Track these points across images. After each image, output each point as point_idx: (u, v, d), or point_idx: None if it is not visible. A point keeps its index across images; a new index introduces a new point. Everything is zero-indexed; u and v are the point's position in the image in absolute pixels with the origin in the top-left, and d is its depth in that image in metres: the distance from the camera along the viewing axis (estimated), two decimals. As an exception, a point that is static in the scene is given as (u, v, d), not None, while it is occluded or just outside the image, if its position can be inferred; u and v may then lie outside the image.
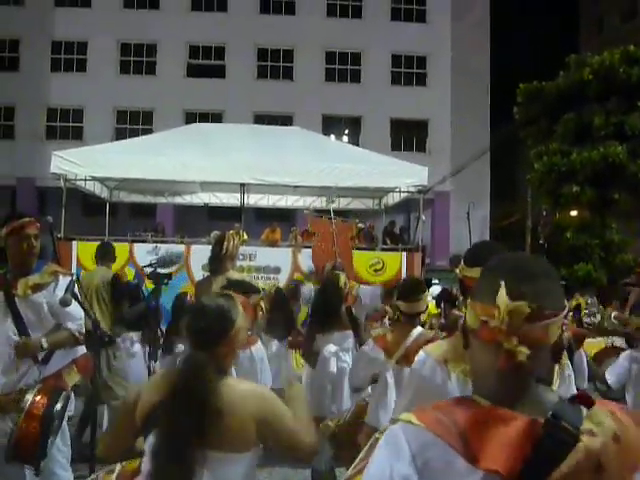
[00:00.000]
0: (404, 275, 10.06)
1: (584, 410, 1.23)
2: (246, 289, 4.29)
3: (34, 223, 4.07)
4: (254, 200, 12.85)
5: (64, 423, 4.05)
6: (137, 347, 6.43)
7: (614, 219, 24.55)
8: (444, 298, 6.96)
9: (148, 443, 2.29)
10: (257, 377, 4.10)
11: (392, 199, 12.27)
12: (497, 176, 26.80)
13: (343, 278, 5.64)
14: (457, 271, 2.39)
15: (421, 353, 2.27)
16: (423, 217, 11.36)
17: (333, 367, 5.25)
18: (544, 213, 24.70)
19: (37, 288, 4.01)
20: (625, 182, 21.40)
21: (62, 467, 4.06)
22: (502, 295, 1.25)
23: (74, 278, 4.16)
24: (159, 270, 6.50)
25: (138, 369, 6.39)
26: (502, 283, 1.26)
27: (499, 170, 26.92)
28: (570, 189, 22.08)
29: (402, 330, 3.99)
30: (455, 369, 2.10)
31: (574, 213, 24.60)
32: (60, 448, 4.03)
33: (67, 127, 25.40)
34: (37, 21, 24.92)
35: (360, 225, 13.86)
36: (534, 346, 1.24)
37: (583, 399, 1.25)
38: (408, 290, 4.08)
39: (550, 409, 1.22)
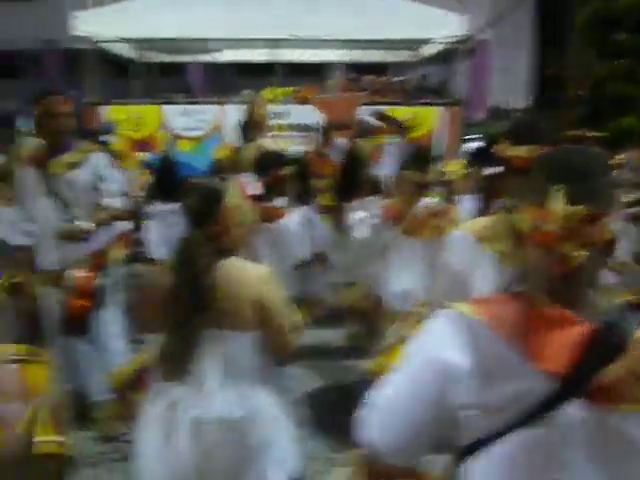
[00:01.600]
0: (440, 131, 9.82)
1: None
2: (274, 161, 4.20)
3: (66, 100, 4.00)
4: (285, 56, 12.42)
5: (116, 295, 4.18)
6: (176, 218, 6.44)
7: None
8: (478, 158, 6.69)
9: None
10: (287, 250, 4.10)
11: (428, 51, 11.76)
12: (541, 24, 25.39)
13: (368, 147, 5.50)
14: (498, 149, 2.26)
15: (460, 229, 2.23)
16: (461, 68, 10.93)
17: (360, 232, 5.21)
18: (590, 62, 23.57)
19: (72, 166, 4.01)
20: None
21: (117, 337, 4.24)
22: (558, 199, 1.19)
23: (107, 155, 4.16)
24: None
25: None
26: (556, 186, 1.20)
27: (544, 17, 25.47)
28: (618, 37, 20.93)
29: (410, 200, 3.90)
30: (489, 249, 2.05)
31: (620, 62, 23.43)
32: (112, 320, 4.19)
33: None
34: None
35: (396, 79, 13.42)
36: (589, 248, 1.19)
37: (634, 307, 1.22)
38: (416, 159, 3.96)
39: (604, 314, 1.20)
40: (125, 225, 4.27)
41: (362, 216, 5.27)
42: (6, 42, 23.36)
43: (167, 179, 6.47)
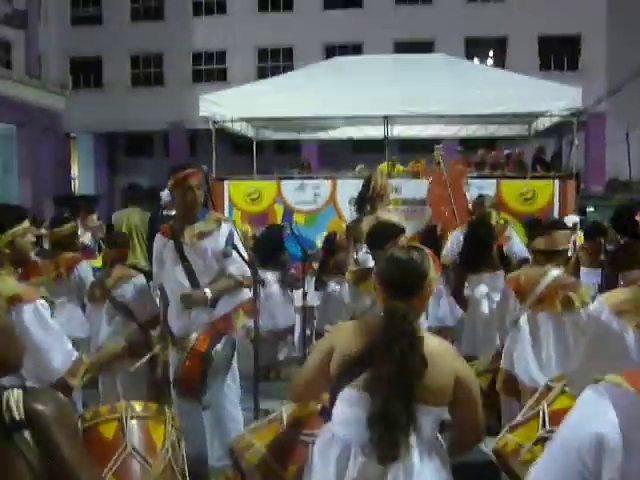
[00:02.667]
0: (557, 204, 9.61)
1: None
2: (393, 232, 4.23)
3: (196, 174, 4.27)
4: (398, 131, 12.64)
5: (233, 363, 4.29)
6: (275, 287, 6.57)
7: None
8: (598, 233, 6.49)
9: (344, 394, 2.31)
10: None
11: (542, 124, 11.64)
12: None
13: (495, 216, 5.45)
14: (638, 217, 2.21)
15: (597, 302, 2.15)
16: (577, 141, 10.71)
17: (485, 308, 5.14)
18: None
19: (202, 235, 4.25)
20: None
21: (232, 403, 4.34)
22: None
23: (233, 226, 4.35)
24: None
25: (276, 308, 6.58)
26: None
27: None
28: None
29: (537, 271, 3.77)
30: (631, 323, 1.98)
31: None
32: (230, 386, 4.30)
33: (212, 70, 26.19)
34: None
35: (507, 151, 13.32)
36: None
37: None
38: (543, 225, 3.85)
39: None
40: (247, 293, 4.40)
41: (486, 290, 5.22)
42: (139, 124, 25.19)
43: (272, 249, 6.65)
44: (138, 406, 2.89)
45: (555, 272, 3.72)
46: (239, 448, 2.90)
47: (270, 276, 6.58)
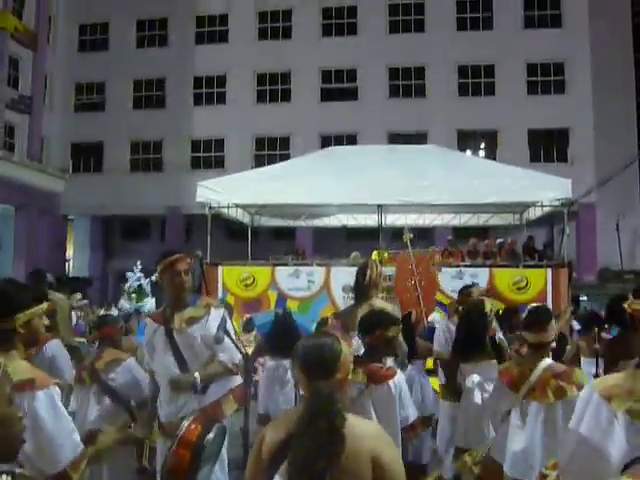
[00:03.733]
0: (550, 293, 9.65)
1: None
2: (385, 321, 4.24)
3: (184, 259, 4.31)
4: (391, 220, 12.84)
5: (223, 451, 4.21)
6: (290, 374, 6.53)
7: None
8: (594, 322, 6.53)
9: None
10: (395, 411, 4.00)
11: (533, 214, 11.84)
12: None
13: (489, 304, 5.47)
14: (625, 305, 2.26)
15: (587, 387, 2.16)
16: (568, 230, 10.86)
17: (478, 398, 5.08)
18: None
19: (192, 321, 4.24)
20: None
21: None
22: None
23: (225, 312, 4.35)
24: None
25: (290, 396, 6.52)
26: None
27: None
28: None
29: (529, 362, 3.79)
30: (621, 407, 1.99)
31: None
32: (218, 476, 4.20)
33: (210, 157, 26.75)
34: (180, 59, 26.55)
35: (499, 240, 13.49)
36: None
37: None
38: (533, 319, 3.88)
39: None
40: (238, 380, 4.36)
41: (478, 380, 5.17)
42: (136, 208, 25.50)
43: (284, 335, 6.62)
44: None
45: (547, 361, 3.72)
46: None
47: (287, 363, 6.55)
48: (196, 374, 4.11)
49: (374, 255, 9.86)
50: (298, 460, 2.19)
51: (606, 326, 6.32)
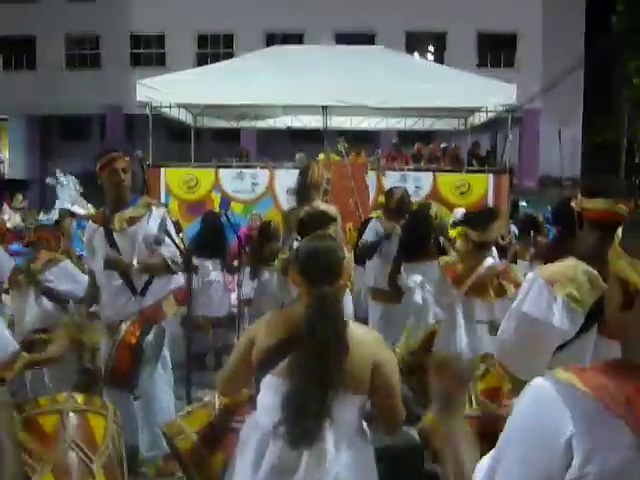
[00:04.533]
0: (491, 197, 9.83)
1: None
2: (323, 220, 4.23)
3: (122, 157, 4.20)
4: (337, 122, 12.69)
5: (165, 351, 4.23)
6: (214, 274, 6.51)
7: None
8: (531, 226, 6.69)
9: (266, 382, 2.33)
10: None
11: (478, 119, 11.87)
12: (591, 93, 25.43)
13: (434, 208, 5.53)
14: (573, 204, 2.29)
15: (531, 273, 2.26)
16: (510, 137, 10.96)
17: (418, 297, 5.20)
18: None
19: (132, 221, 4.17)
20: None
21: (163, 392, 4.28)
22: None
23: (166, 212, 4.28)
24: None
25: (214, 296, 6.52)
26: None
27: (593, 86, 25.51)
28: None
29: (473, 260, 3.90)
30: (560, 292, 2.09)
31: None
32: (161, 374, 4.25)
33: (151, 54, 25.68)
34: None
35: (444, 145, 13.55)
36: None
37: None
38: (478, 218, 3.98)
39: None
40: (178, 280, 4.35)
41: (420, 279, 5.28)
42: (73, 107, 24.51)
43: (210, 236, 6.58)
44: (80, 399, 2.79)
45: (489, 261, 3.85)
46: (170, 434, 2.89)
47: (210, 264, 6.51)
48: (134, 261, 4.08)
49: (321, 157, 9.80)
50: (304, 362, 2.22)
51: (546, 230, 6.48)
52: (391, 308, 5.76)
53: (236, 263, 6.16)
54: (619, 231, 1.27)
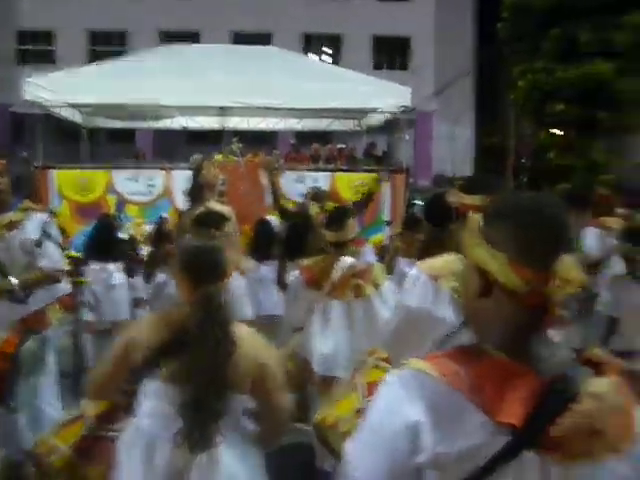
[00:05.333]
0: (388, 196, 10.04)
1: (590, 373, 1.24)
2: (216, 220, 4.19)
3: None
4: (234, 123, 12.61)
5: (50, 360, 4.06)
6: (118, 278, 6.33)
7: (598, 139, 24.49)
8: (413, 223, 6.80)
9: (148, 387, 2.29)
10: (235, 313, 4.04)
11: (374, 120, 12.11)
12: (481, 96, 26.48)
13: (315, 208, 5.56)
14: (452, 199, 2.36)
15: (414, 269, 2.31)
16: (407, 137, 11.25)
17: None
18: (528, 132, 24.58)
19: (11, 226, 3.96)
20: (610, 101, 21.20)
21: (50, 404, 4.10)
22: (570, 267, 1.19)
23: (49, 215, 4.11)
24: None
25: (120, 300, 6.34)
26: (561, 251, 1.20)
27: (483, 89, 26.58)
28: (554, 108, 21.87)
29: (331, 260, 3.89)
30: (445, 285, 2.17)
31: (558, 132, 24.43)
32: (46, 386, 4.07)
33: (39, 50, 24.65)
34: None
35: (340, 145, 13.74)
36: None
37: (592, 363, 1.26)
38: (333, 218, 3.98)
39: (558, 367, 1.23)
40: (64, 287, 4.18)
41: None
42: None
43: (105, 238, 6.41)
44: None
45: (348, 260, 3.84)
46: (41, 453, 2.73)
47: (112, 267, 6.31)
48: (13, 280, 3.88)
49: (218, 158, 9.71)
50: (195, 364, 2.19)
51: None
52: None
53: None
54: (479, 220, 1.30)
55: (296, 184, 9.56)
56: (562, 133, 24.07)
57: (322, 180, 9.84)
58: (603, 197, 5.94)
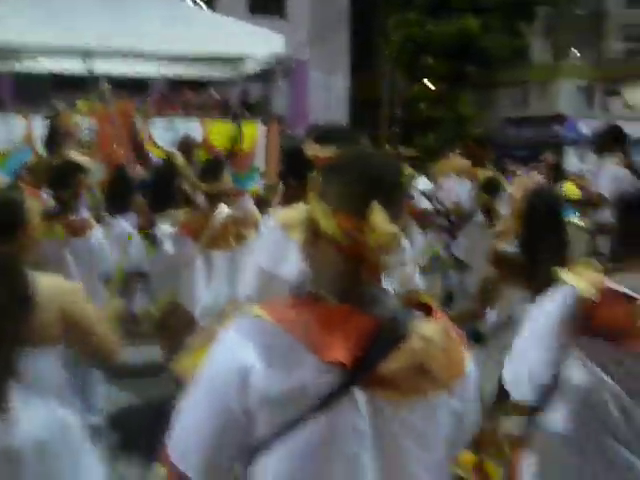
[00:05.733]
0: (262, 146, 10.02)
1: (419, 316, 1.32)
2: (71, 171, 4.02)
3: None
4: (103, 69, 12.01)
5: None
6: None
7: (465, 92, 25.38)
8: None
9: None
10: (95, 264, 3.91)
11: (249, 68, 11.94)
12: (356, 47, 26.66)
13: (180, 157, 5.46)
14: (306, 150, 2.40)
15: (267, 217, 2.37)
16: (282, 86, 11.21)
17: (169, 248, 5.13)
18: (401, 84, 25.11)
19: None
20: (478, 56, 21.99)
21: None
22: (378, 218, 1.25)
23: None
24: None
25: None
26: (374, 203, 1.25)
27: (358, 41, 26.76)
28: (426, 61, 22.46)
29: (207, 212, 3.88)
30: (294, 235, 2.18)
31: (429, 85, 25.12)
32: None
33: None
34: None
35: (215, 93, 13.48)
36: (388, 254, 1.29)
37: (421, 308, 1.34)
38: (208, 169, 3.97)
39: (388, 311, 1.29)
40: None
41: (169, 230, 5.20)
42: None
43: None
44: None
45: (225, 210, 3.85)
46: None
47: None
48: None
49: (80, 105, 9.29)
50: None
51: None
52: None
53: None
54: (318, 175, 1.37)
55: (166, 132, 9.35)
56: (433, 86, 24.81)
57: (195, 128, 9.67)
58: (472, 150, 6.20)
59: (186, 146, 7.09)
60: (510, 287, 2.84)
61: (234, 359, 1.24)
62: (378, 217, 1.24)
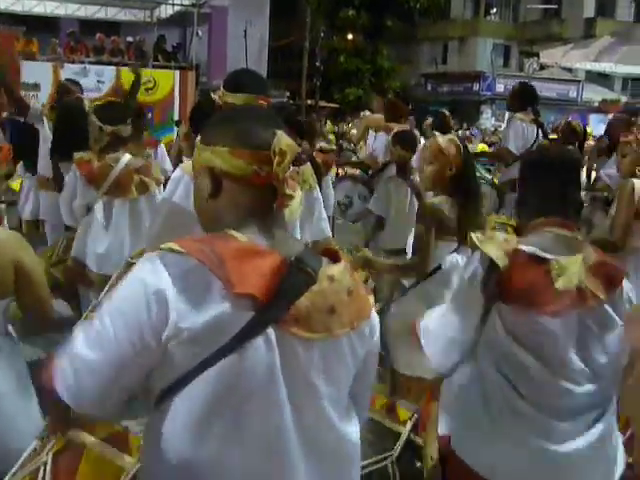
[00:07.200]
0: (177, 94, 9.76)
1: (326, 261, 1.36)
2: None
3: None
4: (5, 4, 11.35)
5: None
6: None
7: (385, 46, 25.42)
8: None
9: None
10: None
11: (165, 12, 11.54)
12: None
13: (87, 102, 5.18)
14: (216, 97, 2.34)
15: (177, 170, 2.32)
16: (199, 33, 10.89)
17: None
18: (321, 35, 24.85)
19: None
20: (397, 9, 21.98)
21: None
22: (283, 141, 1.29)
23: None
24: None
25: None
26: (277, 131, 1.30)
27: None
28: (346, 13, 22.25)
29: (109, 158, 3.74)
30: None
31: (349, 37, 24.99)
32: None
33: None
34: None
35: (129, 38, 12.97)
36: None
37: (328, 254, 1.38)
38: (109, 112, 3.81)
39: (297, 253, 1.31)
40: None
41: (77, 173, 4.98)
42: None
43: None
44: None
45: (127, 157, 3.71)
46: None
47: None
48: None
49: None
50: None
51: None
52: None
53: None
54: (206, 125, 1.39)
55: (78, 77, 8.93)
56: (352, 38, 24.70)
57: (107, 74, 9.32)
58: (391, 104, 6.19)
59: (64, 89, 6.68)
60: (438, 240, 2.89)
61: (147, 285, 1.22)
62: (283, 140, 1.29)
